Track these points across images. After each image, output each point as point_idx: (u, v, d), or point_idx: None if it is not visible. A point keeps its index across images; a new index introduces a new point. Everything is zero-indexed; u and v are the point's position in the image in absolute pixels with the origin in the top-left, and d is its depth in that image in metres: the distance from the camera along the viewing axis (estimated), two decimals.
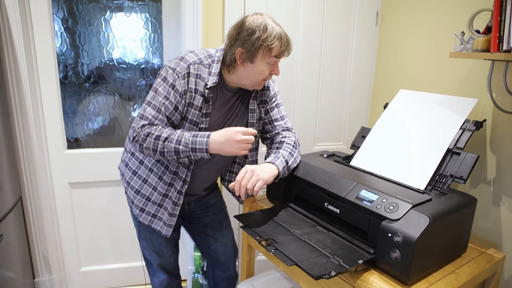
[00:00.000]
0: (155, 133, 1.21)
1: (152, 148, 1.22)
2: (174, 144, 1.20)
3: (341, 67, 1.98)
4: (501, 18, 1.11)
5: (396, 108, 1.46)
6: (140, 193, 1.37)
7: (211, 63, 1.27)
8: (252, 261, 1.56)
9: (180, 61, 1.25)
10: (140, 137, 1.23)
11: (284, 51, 1.23)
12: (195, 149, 1.20)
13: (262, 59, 1.22)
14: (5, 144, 1.60)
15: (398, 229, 0.96)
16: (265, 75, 1.25)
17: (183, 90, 1.23)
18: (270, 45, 1.19)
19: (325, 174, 1.26)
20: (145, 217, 1.40)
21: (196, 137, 1.20)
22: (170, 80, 1.23)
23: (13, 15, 1.58)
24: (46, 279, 1.94)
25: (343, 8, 1.89)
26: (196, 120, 1.27)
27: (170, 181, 1.34)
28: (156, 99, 1.24)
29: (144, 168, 1.36)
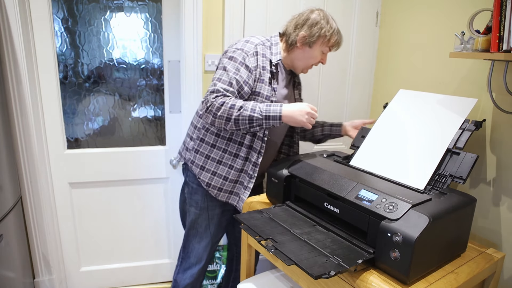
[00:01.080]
0: (230, 102, 1.31)
1: (226, 117, 1.31)
2: (249, 112, 1.30)
3: (341, 67, 1.98)
4: (501, 18, 1.11)
5: (396, 108, 1.46)
6: (217, 174, 1.49)
7: (271, 45, 1.46)
8: (252, 261, 1.56)
9: (246, 42, 1.41)
10: (214, 107, 1.31)
11: (338, 44, 1.47)
12: (269, 117, 1.31)
13: (319, 47, 1.43)
14: (5, 144, 1.60)
15: (397, 228, 0.96)
16: (316, 61, 1.47)
17: (253, 66, 1.38)
18: (329, 37, 1.42)
19: (324, 174, 1.26)
20: (223, 195, 1.52)
21: (270, 106, 1.32)
22: (239, 58, 1.37)
23: (13, 15, 1.58)
24: (46, 279, 1.94)
25: (343, 8, 1.90)
26: (268, 94, 1.42)
27: (246, 155, 1.47)
28: (226, 74, 1.35)
29: (217, 150, 1.48)
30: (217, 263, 2.06)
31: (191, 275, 1.63)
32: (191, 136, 1.55)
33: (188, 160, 1.55)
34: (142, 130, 2.03)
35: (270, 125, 1.32)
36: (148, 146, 2.04)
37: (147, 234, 2.13)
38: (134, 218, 2.09)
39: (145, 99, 2.00)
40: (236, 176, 1.49)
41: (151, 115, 2.03)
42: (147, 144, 2.05)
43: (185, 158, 1.56)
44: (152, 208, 2.10)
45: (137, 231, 2.12)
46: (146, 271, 2.19)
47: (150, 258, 2.18)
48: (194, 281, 1.64)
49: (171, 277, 2.22)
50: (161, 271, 2.21)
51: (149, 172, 2.02)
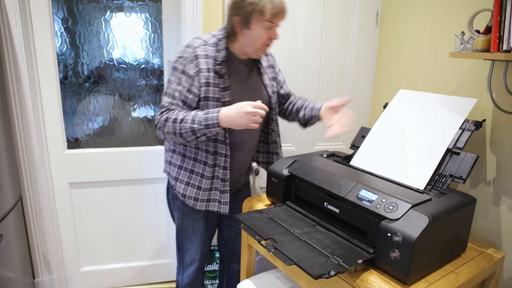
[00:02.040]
0: (172, 116, 1.30)
1: (172, 132, 1.31)
2: (190, 124, 1.27)
3: (341, 67, 1.98)
4: (501, 18, 1.11)
5: (396, 108, 1.46)
6: (190, 184, 1.45)
7: (217, 41, 1.36)
8: (252, 261, 1.56)
9: (186, 48, 1.35)
10: (160, 123, 1.32)
11: (278, 14, 1.28)
12: (208, 125, 1.27)
13: (257, 24, 1.28)
14: (5, 144, 1.60)
15: (397, 228, 0.96)
16: (263, 40, 1.31)
17: (194, 72, 1.31)
18: (262, 9, 1.24)
19: (324, 174, 1.26)
20: (201, 204, 1.47)
21: (208, 114, 1.27)
22: (180, 67, 1.33)
23: (13, 15, 1.58)
24: (46, 279, 1.94)
25: (343, 8, 1.89)
26: (217, 96, 1.34)
27: (214, 161, 1.42)
28: (170, 87, 1.35)
29: (188, 160, 1.44)
30: (217, 263, 2.06)
31: (188, 276, 1.63)
32: (165, 148, 1.54)
33: (165, 171, 1.55)
34: (142, 130, 2.03)
35: (213, 133, 1.28)
36: (148, 146, 2.04)
37: (147, 234, 2.13)
38: (134, 218, 2.09)
39: (145, 99, 2.00)
40: (209, 184, 1.44)
41: (151, 115, 2.03)
42: (147, 144, 2.05)
43: (165, 169, 1.56)
44: (152, 208, 2.10)
45: (137, 231, 2.12)
46: (146, 271, 2.19)
47: (150, 258, 2.18)
48: (192, 281, 1.64)
49: (171, 277, 2.22)
50: (161, 271, 2.21)
51: (149, 172, 2.02)
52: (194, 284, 1.66)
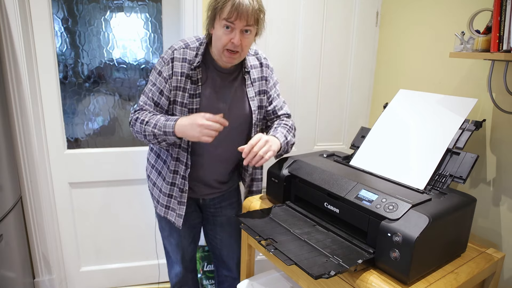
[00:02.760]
0: (141, 117, 1.30)
1: (140, 132, 1.31)
2: (152, 127, 1.27)
3: (341, 67, 1.98)
4: (501, 18, 1.11)
5: (396, 108, 1.46)
6: (156, 185, 1.46)
7: (199, 45, 1.32)
8: (252, 261, 1.56)
9: (168, 49, 1.32)
10: (132, 122, 1.33)
11: (236, 15, 1.17)
12: (166, 132, 1.25)
13: (218, 23, 1.22)
14: (5, 144, 1.60)
15: (397, 228, 0.96)
16: (223, 42, 1.22)
17: (168, 75, 1.29)
18: (221, 7, 1.18)
19: (324, 174, 1.26)
20: (160, 208, 1.46)
21: (167, 121, 1.25)
22: (158, 67, 1.32)
23: (13, 15, 1.58)
24: (46, 279, 1.94)
25: (343, 8, 1.90)
26: (185, 102, 1.31)
27: (174, 168, 1.39)
28: (147, 86, 1.35)
29: (160, 161, 1.43)
30: None
31: (175, 275, 1.62)
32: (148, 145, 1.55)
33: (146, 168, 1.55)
34: None
35: (171, 140, 1.26)
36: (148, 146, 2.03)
37: (147, 234, 2.13)
38: (134, 218, 2.09)
39: None
40: (169, 189, 1.41)
41: None
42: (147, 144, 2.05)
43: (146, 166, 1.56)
44: (152, 208, 2.09)
45: (137, 231, 2.12)
46: (146, 271, 2.19)
47: (150, 258, 2.18)
48: (181, 280, 1.63)
49: None
50: (161, 271, 2.21)
51: None
52: (185, 283, 1.65)
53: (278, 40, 1.83)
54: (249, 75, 1.40)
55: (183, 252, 1.58)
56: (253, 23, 1.22)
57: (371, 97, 2.06)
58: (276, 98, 1.47)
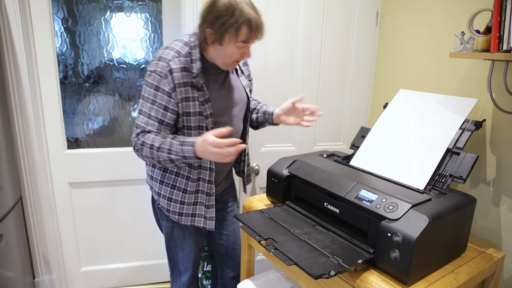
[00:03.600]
0: (148, 142, 1.23)
1: (150, 157, 1.25)
2: (166, 154, 1.22)
3: (341, 67, 1.98)
4: (501, 18, 1.11)
5: (396, 108, 1.46)
6: (173, 199, 1.39)
7: (190, 50, 1.26)
8: (252, 261, 1.56)
9: (158, 61, 1.23)
10: (137, 146, 1.26)
11: (252, 37, 1.20)
12: (186, 157, 1.21)
13: (230, 43, 1.20)
14: (5, 144, 1.60)
15: (397, 228, 0.96)
16: (235, 58, 1.24)
17: (170, 88, 1.22)
18: (236, 30, 1.16)
19: (324, 174, 1.26)
20: (186, 219, 1.42)
21: (183, 145, 1.20)
22: (154, 83, 1.23)
23: (13, 15, 1.58)
24: (46, 279, 1.94)
25: (343, 8, 1.89)
26: (199, 111, 1.28)
27: (198, 176, 1.37)
28: (145, 105, 1.25)
29: (169, 174, 1.38)
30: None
31: (184, 284, 1.59)
32: (146, 163, 1.46)
33: (148, 184, 1.49)
34: None
35: (193, 162, 1.26)
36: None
37: (147, 234, 2.13)
38: (134, 218, 2.09)
39: None
40: (193, 198, 1.39)
41: None
42: None
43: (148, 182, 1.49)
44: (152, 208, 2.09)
45: (137, 231, 2.12)
46: (146, 271, 2.19)
47: (150, 258, 2.18)
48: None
49: None
50: (161, 271, 2.21)
51: None
52: None
53: (278, 40, 1.83)
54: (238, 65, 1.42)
55: (194, 258, 1.55)
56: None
57: (371, 97, 2.06)
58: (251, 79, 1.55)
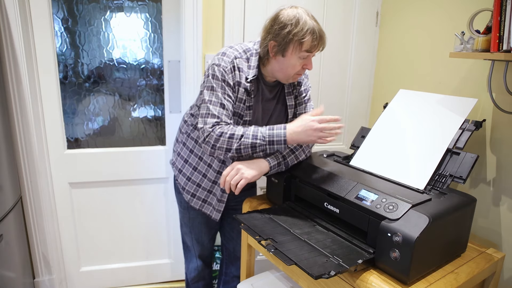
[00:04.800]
0: (228, 131, 1.24)
1: (225, 148, 1.25)
2: (251, 139, 1.23)
3: (341, 67, 1.98)
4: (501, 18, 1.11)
5: (396, 108, 1.46)
6: (191, 179, 1.46)
7: (250, 56, 1.31)
8: (252, 261, 1.56)
9: (222, 56, 1.28)
10: (212, 138, 1.24)
11: (317, 46, 1.23)
12: (273, 142, 1.23)
13: (293, 53, 1.22)
14: (5, 144, 1.60)
15: (397, 228, 0.96)
16: (297, 69, 1.26)
17: (234, 83, 1.27)
18: (301, 40, 1.19)
19: (324, 174, 1.26)
20: (196, 201, 1.49)
21: (273, 130, 1.23)
22: (219, 76, 1.27)
23: (13, 15, 1.58)
24: (46, 279, 1.94)
25: (343, 8, 1.90)
26: (240, 113, 1.32)
27: (219, 169, 1.42)
28: (216, 95, 1.26)
29: (194, 156, 1.44)
30: (217, 263, 2.06)
31: (195, 269, 1.66)
32: (176, 138, 1.55)
33: (171, 161, 1.56)
34: (142, 130, 2.03)
35: (275, 149, 1.25)
36: (148, 146, 2.04)
37: (147, 234, 2.13)
38: (134, 218, 2.09)
39: (145, 99, 2.00)
40: (209, 186, 1.45)
41: (151, 115, 2.03)
42: (147, 144, 2.05)
43: (172, 159, 1.57)
44: (152, 208, 2.10)
45: (137, 231, 2.12)
46: (146, 271, 2.19)
47: (150, 258, 2.18)
48: (199, 274, 1.66)
49: (171, 277, 2.22)
50: (161, 271, 2.21)
51: (149, 172, 2.02)
52: (202, 277, 1.69)
53: None
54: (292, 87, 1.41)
55: (202, 247, 1.63)
56: None
57: (371, 97, 2.06)
58: (302, 103, 1.45)
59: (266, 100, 1.38)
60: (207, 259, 1.69)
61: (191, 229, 1.59)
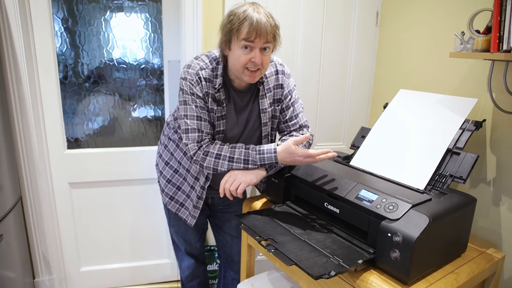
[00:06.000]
0: (214, 151, 1.26)
1: (212, 168, 1.28)
2: (243, 164, 1.27)
3: (341, 67, 1.98)
4: (501, 18, 1.11)
5: (396, 108, 1.46)
6: (171, 182, 1.47)
7: (216, 65, 1.30)
8: (252, 261, 1.56)
9: (188, 69, 1.28)
10: (199, 157, 1.28)
11: (255, 35, 1.17)
12: (264, 165, 1.29)
13: (235, 44, 1.21)
14: (5, 144, 1.60)
15: (397, 229, 0.96)
16: (243, 62, 1.22)
17: (203, 95, 1.27)
18: (238, 28, 1.18)
19: (325, 174, 1.26)
20: (174, 205, 1.49)
21: (263, 154, 1.27)
22: (188, 89, 1.27)
23: (13, 15, 1.58)
24: (46, 279, 1.94)
25: (343, 8, 1.90)
26: (213, 123, 1.31)
27: (196, 175, 1.42)
28: (190, 108, 1.28)
29: (174, 160, 1.44)
30: (217, 263, 2.06)
31: (188, 267, 1.66)
32: (160, 140, 1.56)
33: (156, 162, 1.57)
34: (142, 130, 2.03)
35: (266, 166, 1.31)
36: (148, 146, 2.04)
37: (147, 234, 2.13)
38: (134, 218, 2.09)
39: (145, 99, 2.00)
40: (188, 190, 1.45)
41: (151, 115, 2.03)
42: (147, 144, 2.05)
43: (156, 160, 1.57)
44: (152, 208, 2.09)
45: (137, 231, 2.12)
46: (146, 271, 2.19)
47: (150, 258, 2.18)
48: (193, 273, 1.67)
49: (171, 277, 2.22)
50: (161, 271, 2.21)
51: (149, 172, 2.02)
52: (197, 275, 1.69)
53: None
54: (263, 85, 1.37)
55: (191, 247, 1.64)
56: (271, 39, 1.22)
57: (371, 97, 2.06)
58: (289, 107, 1.42)
59: (239, 108, 1.36)
60: (199, 257, 1.69)
61: (177, 228, 1.60)
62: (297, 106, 1.44)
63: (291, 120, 1.43)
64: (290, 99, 1.42)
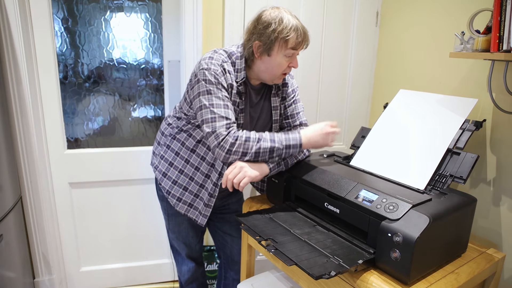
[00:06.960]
0: (244, 135, 1.23)
1: (242, 152, 1.23)
2: (269, 143, 1.24)
3: (341, 67, 1.98)
4: (501, 18, 1.11)
5: (396, 108, 1.46)
6: (177, 183, 1.43)
7: (235, 60, 1.30)
8: (252, 261, 1.56)
9: (210, 60, 1.26)
10: (227, 143, 1.22)
11: (301, 43, 1.24)
12: (289, 146, 1.26)
13: (279, 52, 1.23)
14: (5, 144, 1.60)
15: (398, 229, 0.96)
16: (283, 68, 1.27)
17: (227, 85, 1.27)
18: (286, 37, 1.20)
19: (325, 174, 1.26)
20: (182, 206, 1.45)
21: (288, 135, 1.27)
22: (212, 79, 1.24)
23: (13, 15, 1.58)
24: (46, 279, 1.94)
25: (343, 8, 1.89)
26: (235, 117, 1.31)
27: (207, 172, 1.40)
28: (216, 97, 1.24)
29: (180, 159, 1.41)
30: (217, 263, 2.06)
31: (188, 271, 1.65)
32: (158, 142, 1.50)
33: (153, 165, 1.51)
34: (142, 130, 2.03)
35: (290, 153, 1.28)
36: (148, 146, 2.04)
37: (147, 234, 2.13)
38: (134, 218, 2.09)
39: (145, 99, 2.00)
40: (196, 190, 1.42)
41: (151, 115, 2.03)
42: (147, 144, 2.05)
43: (152, 162, 1.53)
44: (152, 208, 2.09)
45: (137, 231, 2.12)
46: (146, 271, 2.19)
47: (150, 258, 2.18)
48: (193, 276, 1.66)
49: (171, 277, 2.22)
50: (161, 271, 2.21)
51: (149, 172, 2.02)
52: (195, 278, 1.68)
53: None
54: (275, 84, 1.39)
55: (191, 250, 1.62)
56: None
57: (371, 97, 2.06)
58: (291, 104, 1.45)
59: (253, 104, 1.38)
60: (198, 259, 1.69)
61: (178, 234, 1.57)
62: (299, 105, 1.48)
63: (292, 117, 1.46)
64: (293, 97, 1.45)
